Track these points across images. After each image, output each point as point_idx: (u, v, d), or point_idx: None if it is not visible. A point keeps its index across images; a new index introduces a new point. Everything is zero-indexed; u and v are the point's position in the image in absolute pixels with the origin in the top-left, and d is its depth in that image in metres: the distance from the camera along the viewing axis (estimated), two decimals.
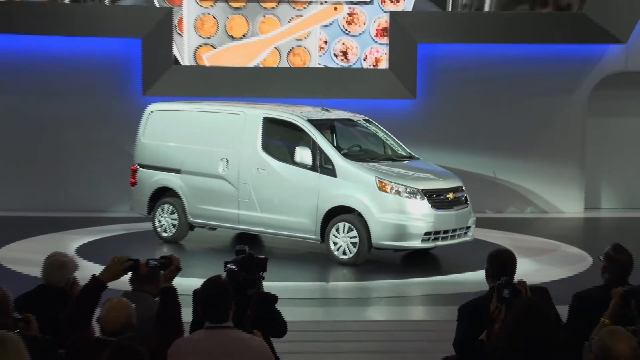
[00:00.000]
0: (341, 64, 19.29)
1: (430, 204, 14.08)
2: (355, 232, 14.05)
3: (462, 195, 14.66)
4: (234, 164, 14.98)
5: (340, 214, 14.22)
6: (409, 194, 14.04)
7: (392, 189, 14.04)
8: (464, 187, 14.79)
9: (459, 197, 14.56)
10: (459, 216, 14.45)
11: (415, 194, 14.05)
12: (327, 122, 15.28)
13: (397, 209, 13.99)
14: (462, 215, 14.53)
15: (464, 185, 14.89)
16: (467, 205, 14.67)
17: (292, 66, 19.25)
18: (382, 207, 14.00)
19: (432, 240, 14.13)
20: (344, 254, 14.16)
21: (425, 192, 14.12)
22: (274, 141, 15.06)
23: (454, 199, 14.47)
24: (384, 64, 19.31)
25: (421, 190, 14.11)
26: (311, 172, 14.44)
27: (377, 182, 14.08)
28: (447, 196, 14.39)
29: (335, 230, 14.20)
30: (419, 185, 14.19)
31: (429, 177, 14.63)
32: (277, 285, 11.68)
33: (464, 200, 14.66)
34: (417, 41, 19.22)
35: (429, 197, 14.11)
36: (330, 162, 14.37)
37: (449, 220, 14.29)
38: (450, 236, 14.34)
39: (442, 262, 14.71)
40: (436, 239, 14.17)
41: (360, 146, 15.38)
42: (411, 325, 11.30)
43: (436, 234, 14.12)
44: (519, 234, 17.18)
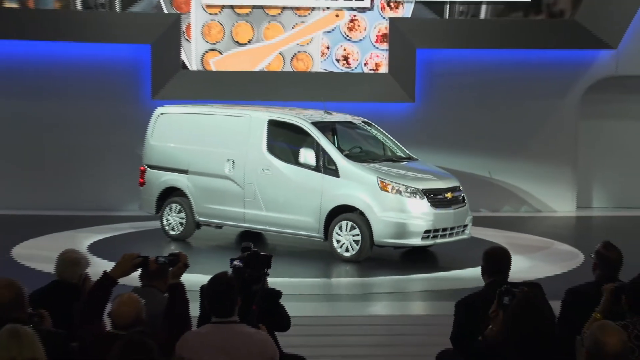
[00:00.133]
0: (343, 68, 19.27)
1: (429, 203, 14.08)
2: (357, 230, 14.05)
3: (460, 194, 14.65)
4: (239, 165, 14.97)
5: (343, 212, 14.22)
6: (410, 194, 14.03)
7: (393, 188, 14.03)
8: (461, 187, 14.78)
9: (456, 197, 14.55)
10: (456, 215, 14.44)
11: (415, 194, 14.05)
12: (329, 124, 15.27)
13: (398, 207, 13.99)
14: (460, 213, 14.52)
15: (461, 185, 14.89)
16: (464, 204, 14.67)
17: (295, 71, 19.24)
18: (383, 206, 13.99)
19: (431, 237, 14.13)
20: (347, 251, 14.15)
21: (424, 192, 14.12)
22: (278, 143, 15.05)
23: (452, 198, 14.46)
24: (384, 69, 19.29)
25: (421, 189, 14.11)
26: (315, 172, 14.43)
27: (378, 182, 14.08)
28: (446, 195, 14.38)
29: (338, 228, 14.20)
30: (418, 185, 14.19)
31: (428, 178, 14.62)
32: (281, 281, 11.72)
33: (462, 199, 14.65)
34: (415, 47, 19.22)
35: (428, 197, 14.10)
36: (333, 163, 14.36)
37: (447, 218, 14.28)
38: (448, 234, 14.34)
39: (439, 259, 14.70)
40: (435, 237, 14.17)
41: (361, 147, 15.37)
42: (410, 319, 11.29)
43: (435, 231, 14.11)
44: (513, 232, 17.16)
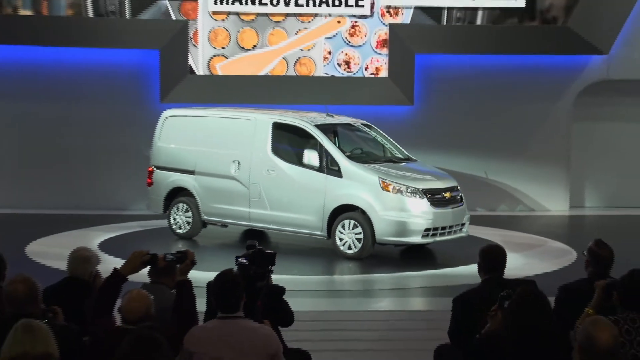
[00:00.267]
0: (344, 72, 19.26)
1: (429, 202, 14.08)
2: (360, 229, 14.04)
3: (458, 194, 14.64)
4: (245, 166, 14.96)
5: (345, 211, 14.21)
6: (410, 193, 14.02)
7: (394, 188, 14.03)
8: (459, 187, 14.78)
9: (454, 196, 14.54)
10: (455, 214, 14.43)
11: (415, 193, 14.03)
12: (331, 126, 15.27)
13: (398, 207, 13.98)
14: (458, 212, 14.51)
15: (459, 185, 14.88)
16: (462, 203, 14.66)
17: (298, 75, 19.23)
18: (384, 205, 13.98)
19: (430, 236, 14.12)
20: (349, 248, 14.14)
21: (424, 192, 14.11)
22: (282, 144, 15.03)
23: (451, 197, 14.45)
24: (384, 73, 19.28)
25: (421, 189, 14.10)
26: (318, 173, 14.41)
27: (380, 182, 14.07)
28: (445, 195, 14.37)
29: (341, 227, 14.18)
30: (418, 185, 14.18)
31: (428, 178, 14.61)
32: (286, 278, 11.70)
33: (460, 198, 14.64)
34: (414, 52, 19.21)
35: (428, 196, 14.09)
36: (336, 164, 14.35)
37: (446, 217, 14.27)
38: (447, 232, 14.32)
39: (438, 257, 14.68)
40: (434, 235, 14.16)
41: (361, 149, 15.36)
42: (409, 315, 11.26)
43: (434, 230, 14.10)
44: (509, 230, 17.14)
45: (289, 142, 15.11)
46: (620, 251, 7.79)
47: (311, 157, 14.42)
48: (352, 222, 14.10)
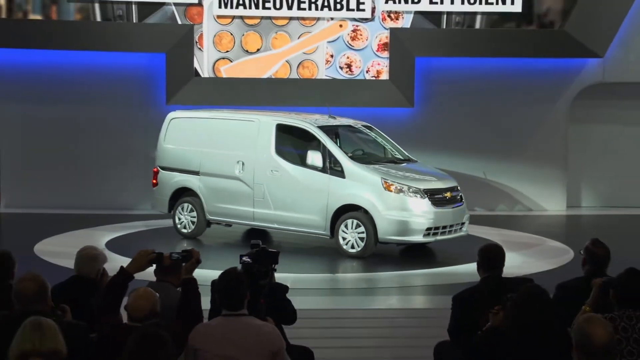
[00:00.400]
0: (346, 75, 19.25)
1: (430, 202, 14.07)
2: (362, 228, 14.01)
3: (458, 194, 14.63)
4: (249, 166, 14.95)
5: (348, 211, 14.19)
6: (412, 193, 14.01)
7: (396, 188, 14.01)
8: (459, 187, 14.77)
9: (455, 196, 14.53)
10: (455, 213, 14.41)
11: (417, 193, 14.02)
12: (334, 128, 15.25)
13: (400, 206, 13.96)
14: (458, 212, 14.50)
15: (458, 185, 14.87)
16: (462, 203, 14.65)
17: (301, 78, 19.22)
18: (387, 205, 13.96)
19: (432, 235, 14.11)
20: (352, 247, 14.12)
21: (426, 191, 14.09)
22: (286, 146, 15.00)
23: (451, 197, 14.44)
24: (385, 76, 19.27)
25: (422, 189, 14.08)
26: (321, 173, 14.38)
27: (382, 183, 14.05)
28: (445, 195, 14.35)
29: (344, 226, 14.16)
30: (420, 185, 14.16)
31: (429, 178, 14.58)
32: (290, 276, 11.70)
33: (460, 198, 14.63)
34: (414, 55, 19.19)
35: (429, 196, 14.08)
36: (339, 165, 14.33)
37: (446, 217, 14.26)
38: (447, 231, 14.31)
39: (438, 255, 14.65)
40: (436, 234, 14.14)
41: (363, 150, 15.33)
42: (410, 312, 11.23)
43: (436, 229, 14.09)
44: (507, 230, 17.11)
45: (293, 143, 15.09)
46: (616, 250, 7.79)
47: (314, 157, 14.40)
48: (355, 221, 14.07)
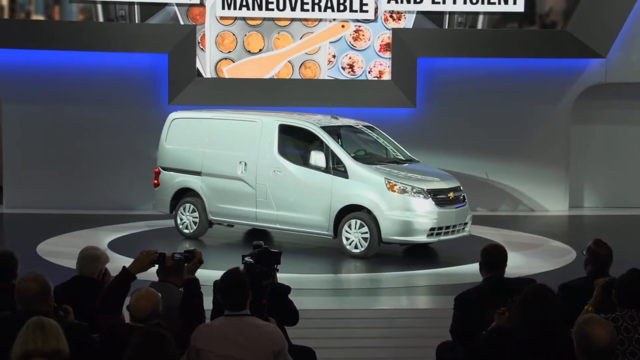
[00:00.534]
0: (348, 76, 19.25)
1: (434, 202, 14.05)
2: (366, 228, 13.99)
3: (461, 194, 14.61)
4: (251, 167, 14.93)
5: (351, 211, 14.17)
6: (415, 193, 14.00)
7: (399, 188, 14.00)
8: (461, 187, 14.76)
9: (458, 196, 14.51)
10: (458, 213, 14.40)
11: (420, 193, 14.01)
12: (336, 128, 15.24)
13: (404, 206, 13.94)
14: (461, 212, 14.48)
15: (461, 185, 14.87)
16: (465, 203, 14.64)
17: (303, 78, 19.21)
18: (390, 205, 13.95)
19: (435, 235, 14.09)
20: (356, 248, 14.11)
21: (429, 192, 14.08)
22: (289, 146, 14.99)
23: (454, 197, 14.42)
24: (387, 76, 19.26)
25: (426, 190, 14.07)
26: (325, 174, 14.37)
27: (386, 183, 14.04)
28: (449, 195, 14.34)
29: (347, 226, 14.13)
30: (423, 185, 14.15)
31: (432, 178, 14.57)
32: (294, 276, 11.67)
33: (462, 198, 14.61)
34: (417, 55, 19.18)
35: (432, 196, 14.07)
36: (342, 165, 14.31)
37: (450, 217, 14.24)
38: (451, 231, 14.30)
39: (440, 255, 14.64)
40: (439, 234, 14.13)
41: (365, 150, 15.32)
42: (413, 313, 11.22)
43: (439, 229, 14.07)
44: (509, 230, 17.10)
45: (295, 144, 15.08)
46: (618, 250, 7.78)
47: (317, 158, 14.39)
48: (359, 221, 14.06)
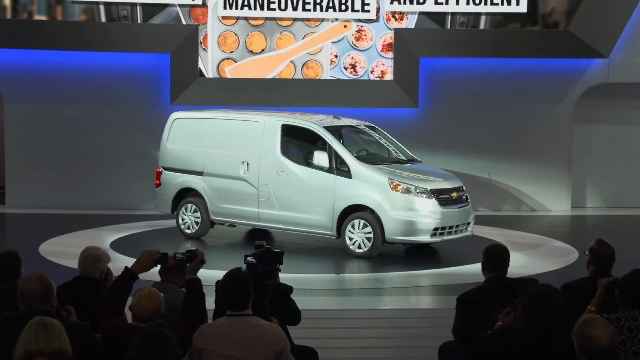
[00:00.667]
0: (350, 76, 19.24)
1: (437, 202, 14.05)
2: (369, 228, 13.97)
3: (464, 194, 14.61)
4: (254, 167, 14.93)
5: (354, 211, 14.17)
6: (419, 193, 13.99)
7: (403, 188, 13.99)
8: (464, 187, 14.76)
9: (460, 196, 14.51)
10: (461, 213, 14.40)
11: (424, 193, 14.00)
12: (339, 128, 15.23)
13: (407, 206, 13.93)
14: (464, 212, 14.48)
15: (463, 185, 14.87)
16: (468, 203, 14.64)
17: (305, 78, 19.22)
18: (394, 205, 13.93)
19: (439, 235, 14.09)
20: (359, 247, 14.10)
21: (432, 192, 14.07)
22: (291, 146, 14.98)
23: (457, 197, 14.42)
24: (389, 76, 19.26)
25: (429, 189, 14.07)
26: (328, 174, 14.36)
27: (389, 183, 14.03)
28: (452, 195, 14.33)
29: (350, 226, 14.12)
30: (427, 185, 14.15)
31: (435, 178, 14.57)
32: (297, 276, 11.66)
33: (465, 198, 14.61)
34: (419, 55, 19.18)
35: (436, 196, 14.06)
36: (345, 165, 14.30)
37: (453, 216, 14.23)
38: (454, 231, 14.29)
39: (443, 256, 14.63)
40: (442, 234, 14.12)
41: (367, 150, 15.31)
42: (415, 313, 11.21)
43: (442, 229, 14.07)
44: (512, 230, 17.09)
45: (298, 144, 15.08)
46: (621, 250, 7.77)
47: (321, 158, 14.38)
48: (362, 221, 14.06)
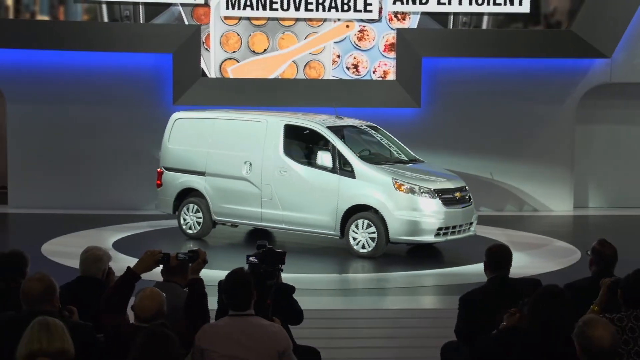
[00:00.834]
0: (352, 76, 19.24)
1: (441, 202, 14.04)
2: (373, 228, 13.97)
3: (467, 194, 14.61)
4: (256, 167, 14.92)
5: (358, 211, 14.16)
6: (423, 193, 13.99)
7: (407, 188, 13.98)
8: (467, 187, 14.75)
9: (464, 196, 14.51)
10: (464, 213, 14.40)
11: (427, 193, 14.00)
12: (341, 128, 15.22)
13: (411, 206, 13.92)
14: (467, 212, 14.48)
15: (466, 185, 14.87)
16: (470, 203, 14.64)
17: (308, 78, 19.22)
18: (398, 205, 13.93)
19: (442, 235, 14.08)
20: (363, 248, 14.09)
21: (436, 191, 14.07)
22: (294, 146, 14.98)
23: (460, 197, 14.42)
24: (392, 76, 19.26)
25: (433, 189, 14.07)
26: (331, 174, 14.35)
27: (393, 183, 14.02)
28: (455, 195, 14.33)
29: (354, 226, 14.11)
30: (430, 185, 14.14)
31: (438, 178, 14.57)
32: (300, 276, 11.65)
33: (468, 198, 14.61)
34: (421, 55, 19.18)
35: (439, 196, 14.06)
36: (349, 165, 14.29)
37: (456, 216, 14.23)
38: (457, 231, 14.29)
39: (446, 255, 14.62)
40: (446, 234, 14.12)
41: (369, 150, 15.29)
42: (418, 313, 11.21)
43: (446, 229, 14.06)
44: (514, 230, 17.09)
45: (301, 144, 15.07)
46: (623, 250, 7.76)
47: (324, 158, 14.37)
48: (366, 221, 14.05)
